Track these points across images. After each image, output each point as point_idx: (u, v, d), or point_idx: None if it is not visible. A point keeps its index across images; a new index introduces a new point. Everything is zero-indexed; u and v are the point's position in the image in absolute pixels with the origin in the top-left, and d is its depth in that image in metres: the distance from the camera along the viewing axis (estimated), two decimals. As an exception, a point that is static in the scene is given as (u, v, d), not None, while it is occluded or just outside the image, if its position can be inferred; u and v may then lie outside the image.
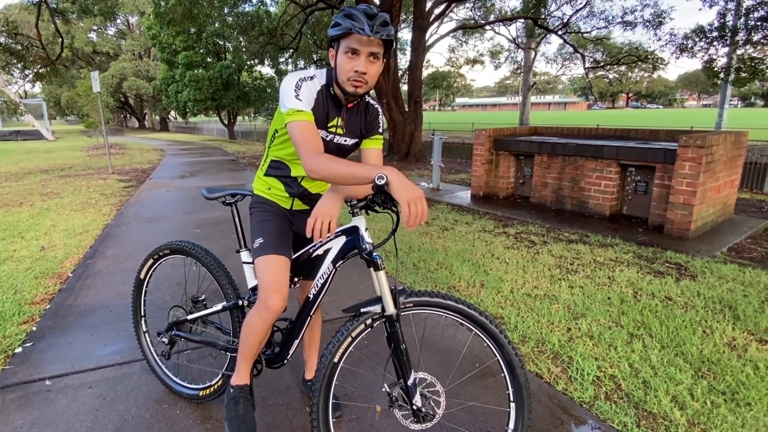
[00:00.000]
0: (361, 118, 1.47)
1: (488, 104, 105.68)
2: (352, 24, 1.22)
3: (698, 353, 2.15)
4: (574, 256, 3.63)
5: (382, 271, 1.31)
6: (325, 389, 1.34)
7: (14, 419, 1.74)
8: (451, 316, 1.36)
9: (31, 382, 2.00)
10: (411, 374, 1.35)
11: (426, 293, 1.36)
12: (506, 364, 1.36)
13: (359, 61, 1.26)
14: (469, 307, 1.34)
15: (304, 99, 1.32)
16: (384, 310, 1.31)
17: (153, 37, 21.15)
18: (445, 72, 27.06)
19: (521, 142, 5.94)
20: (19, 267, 3.51)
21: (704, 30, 8.94)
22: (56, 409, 1.82)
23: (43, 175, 9.35)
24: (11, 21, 12.23)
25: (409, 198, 1.06)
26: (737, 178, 4.95)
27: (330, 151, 1.43)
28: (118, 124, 48.37)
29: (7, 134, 26.45)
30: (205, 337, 1.81)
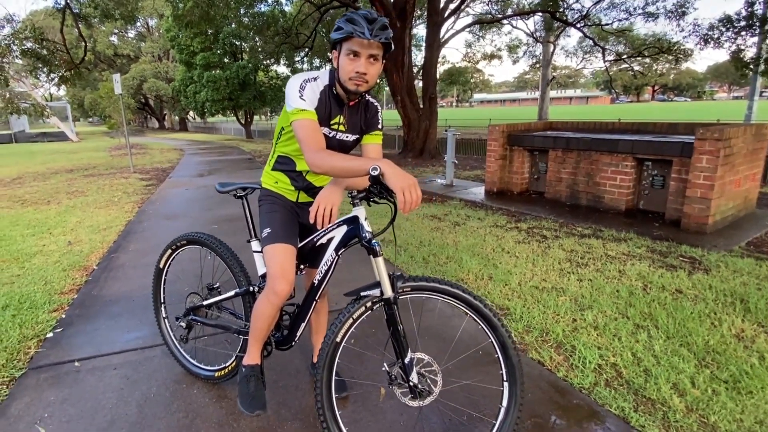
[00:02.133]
0: (361, 115, 1.59)
1: (507, 99, 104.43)
2: (353, 28, 1.32)
3: (704, 344, 2.18)
4: (585, 251, 3.67)
5: (380, 257, 1.41)
6: (328, 367, 1.45)
7: (48, 395, 1.93)
8: (447, 299, 1.45)
9: (61, 364, 2.18)
10: (408, 354, 1.45)
11: (423, 278, 1.45)
12: (500, 345, 1.44)
13: (360, 62, 1.37)
14: (464, 291, 1.42)
15: (308, 99, 1.43)
16: (382, 294, 1.41)
17: (172, 39, 21.76)
18: (462, 68, 26.95)
19: (535, 137, 5.96)
20: (48, 260, 3.76)
21: (731, 19, 8.71)
22: (85, 387, 1.99)
23: (69, 175, 9.80)
24: (38, 27, 12.79)
25: (402, 186, 1.15)
26: (759, 171, 4.87)
27: (333, 147, 1.53)
28: (138, 125, 49.73)
29: (34, 136, 27.65)
30: (220, 322, 1.95)
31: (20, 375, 2.08)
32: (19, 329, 2.48)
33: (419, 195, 1.16)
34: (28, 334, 2.44)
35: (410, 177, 1.18)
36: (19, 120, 25.82)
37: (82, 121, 52.93)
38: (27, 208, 6.09)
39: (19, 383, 2.02)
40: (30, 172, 10.59)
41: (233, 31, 19.35)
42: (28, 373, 2.10)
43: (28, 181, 9.09)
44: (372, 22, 1.33)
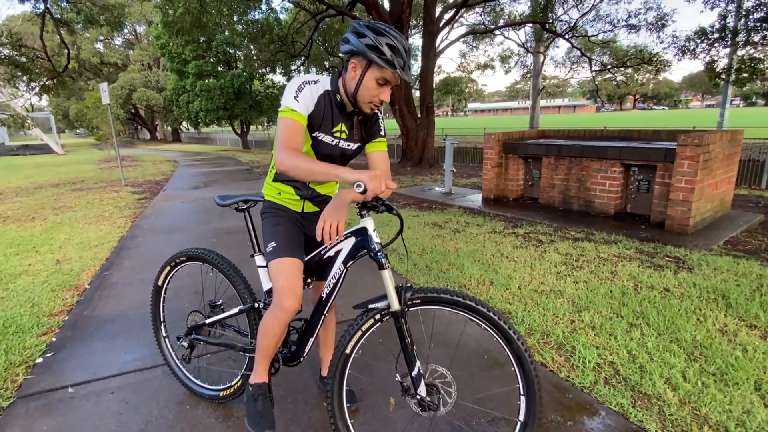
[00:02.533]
0: (363, 123, 1.58)
1: (500, 109, 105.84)
2: (397, 62, 1.31)
3: (692, 339, 2.35)
4: (580, 253, 3.84)
5: (386, 270, 1.39)
6: (339, 378, 1.49)
7: (40, 425, 1.83)
8: (460, 312, 1.40)
9: (53, 390, 2.08)
10: (416, 366, 1.44)
11: (433, 290, 1.41)
12: (516, 358, 1.38)
13: (386, 91, 1.39)
14: (478, 302, 1.37)
15: (302, 101, 1.40)
16: (390, 307, 1.41)
17: (162, 46, 21.63)
18: (457, 77, 27.43)
19: (529, 145, 6.16)
20: (35, 281, 3.63)
21: (705, 32, 9.12)
22: (80, 414, 1.90)
23: (55, 190, 9.53)
24: (15, 33, 12.50)
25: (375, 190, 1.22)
26: (734, 175, 5.14)
27: (335, 155, 1.56)
28: (129, 136, 49.22)
29: (14, 149, 26.90)
30: (224, 340, 1.90)
31: (8, 405, 1.98)
32: (5, 356, 2.37)
33: (389, 186, 1.24)
34: (15, 361, 2.33)
35: (380, 174, 1.23)
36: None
37: (68, 132, 52.11)
38: (9, 226, 5.88)
39: (8, 413, 1.92)
40: (11, 187, 10.23)
41: (227, 38, 19.42)
42: (17, 402, 2.00)
43: (10, 196, 8.80)
44: (407, 53, 1.34)
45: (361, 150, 1.62)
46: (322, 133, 1.51)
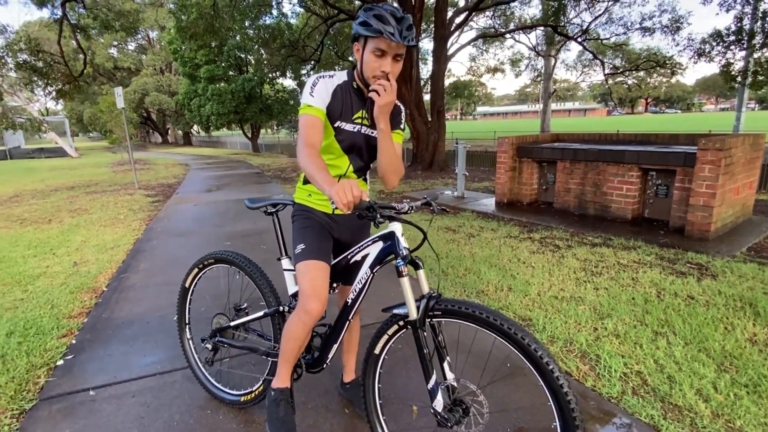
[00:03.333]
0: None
1: (509, 112, 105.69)
2: (383, 28, 1.32)
3: (720, 349, 2.28)
4: (598, 259, 3.78)
5: (404, 278, 1.36)
6: (372, 376, 1.50)
7: (62, 428, 1.84)
8: (486, 330, 1.27)
9: (75, 393, 2.09)
10: (432, 379, 1.37)
11: (459, 302, 1.31)
12: (551, 392, 1.19)
13: (386, 61, 1.39)
14: (508, 323, 1.22)
15: (317, 96, 1.45)
16: (408, 316, 1.37)
17: (174, 51, 21.97)
18: (467, 81, 27.42)
19: (544, 149, 6.11)
20: (53, 282, 3.67)
21: (721, 34, 9.01)
22: (102, 417, 1.91)
23: (70, 192, 9.69)
24: (33, 38, 12.80)
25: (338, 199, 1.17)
26: (755, 180, 5.02)
27: (359, 142, 1.55)
28: (141, 140, 49.81)
29: (30, 152, 27.46)
30: (247, 344, 1.90)
31: (30, 407, 1.99)
32: (27, 357, 2.40)
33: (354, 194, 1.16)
34: (37, 363, 2.36)
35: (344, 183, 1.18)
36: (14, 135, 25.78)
37: (82, 136, 52.96)
38: (27, 228, 5.99)
39: (30, 416, 1.93)
40: (28, 190, 10.42)
41: (238, 43, 19.64)
42: (39, 405, 2.01)
43: (27, 199, 8.97)
44: (400, 22, 1.34)
45: None
46: (343, 122, 1.52)
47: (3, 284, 3.69)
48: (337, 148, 1.56)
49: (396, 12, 1.35)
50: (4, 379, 2.18)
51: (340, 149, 1.56)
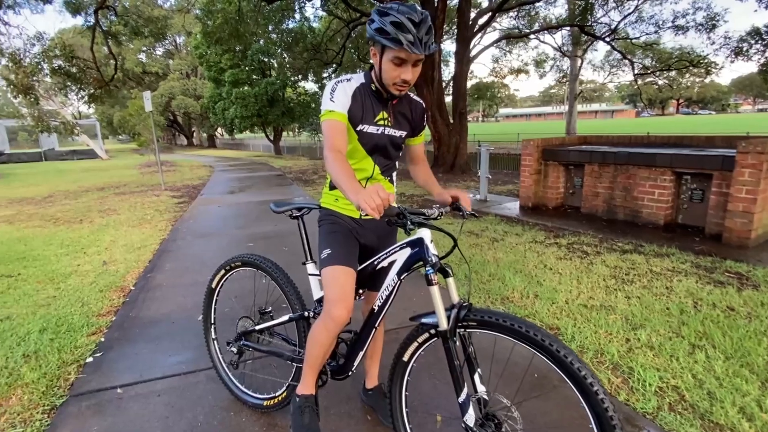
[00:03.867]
0: (407, 110, 1.58)
1: (532, 114, 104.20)
2: (402, 38, 1.26)
3: (765, 364, 2.16)
4: (630, 266, 3.65)
5: (434, 286, 1.31)
6: (399, 384, 1.47)
7: (90, 425, 1.89)
8: (523, 344, 1.21)
9: (103, 390, 2.15)
10: (464, 392, 1.32)
11: (491, 313, 1.27)
12: (594, 414, 1.09)
13: (405, 70, 1.35)
14: (547, 337, 1.16)
15: (338, 100, 1.43)
16: (438, 326, 1.33)
17: (200, 56, 22.57)
18: (489, 83, 27.16)
19: (570, 151, 5.97)
20: (84, 281, 3.80)
21: (760, 32, 8.62)
22: (129, 415, 1.95)
23: (100, 193, 10.05)
24: (68, 45, 13.42)
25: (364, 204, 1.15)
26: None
27: (383, 144, 1.54)
28: (167, 142, 51.32)
29: (63, 154, 28.77)
30: (272, 348, 1.89)
31: (61, 403, 2.05)
32: (58, 354, 2.47)
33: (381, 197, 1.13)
34: (68, 359, 2.42)
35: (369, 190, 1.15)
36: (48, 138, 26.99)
37: (111, 138, 54.82)
38: (60, 227, 6.22)
39: (61, 412, 1.98)
40: (61, 191, 10.86)
41: (261, 47, 20.02)
42: (70, 401, 2.06)
43: (60, 199, 9.33)
44: (419, 26, 1.27)
45: (407, 139, 1.62)
46: (365, 124, 1.50)
47: (37, 281, 3.84)
48: (361, 151, 1.55)
49: (413, 15, 1.28)
50: (37, 375, 2.25)
51: (364, 151, 1.55)
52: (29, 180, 14.85)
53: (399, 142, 1.59)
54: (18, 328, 2.85)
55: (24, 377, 2.24)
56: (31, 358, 2.46)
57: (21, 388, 2.15)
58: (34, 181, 14.10)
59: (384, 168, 1.61)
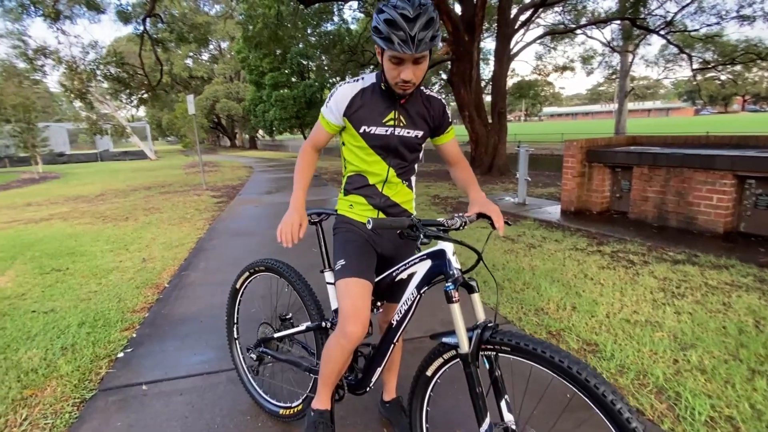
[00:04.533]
0: (423, 109, 1.49)
1: (579, 113, 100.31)
2: (393, 37, 1.21)
3: (842, 398, 1.91)
4: (681, 279, 3.37)
5: (455, 304, 1.23)
6: (420, 399, 1.41)
7: (115, 420, 1.95)
8: (554, 374, 1.10)
9: (129, 386, 2.21)
10: (486, 421, 1.24)
11: (519, 337, 1.16)
12: None
13: (404, 69, 1.29)
14: (578, 366, 1.05)
15: (329, 108, 1.48)
16: (459, 348, 1.24)
17: (242, 60, 23.43)
18: (532, 81, 26.37)
19: (618, 153, 5.64)
20: (123, 277, 3.99)
21: None
22: (150, 413, 1.99)
23: (147, 192, 10.62)
24: (118, 52, 14.37)
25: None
26: None
27: (394, 145, 1.48)
28: (211, 144, 53.55)
29: (117, 155, 30.97)
30: (290, 357, 1.87)
31: (90, 396, 2.12)
32: (92, 348, 2.59)
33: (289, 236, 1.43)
34: (101, 354, 2.53)
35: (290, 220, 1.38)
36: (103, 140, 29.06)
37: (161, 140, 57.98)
38: (107, 224, 6.60)
39: (89, 405, 2.06)
40: (112, 189, 11.61)
41: (301, 50, 20.47)
42: (98, 395, 2.14)
43: (110, 197, 9.94)
44: (413, 22, 1.20)
45: (426, 138, 1.54)
46: (371, 126, 1.45)
47: (82, 276, 4.07)
48: (372, 154, 1.50)
49: (407, 10, 1.20)
50: (71, 368, 2.37)
51: (375, 155, 1.50)
52: (85, 179, 15.97)
53: (414, 142, 1.50)
54: (60, 320, 3.02)
55: (60, 369, 2.36)
56: (68, 350, 2.58)
57: (56, 380, 2.27)
58: (89, 180, 15.15)
59: (400, 171, 1.55)
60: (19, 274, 4.21)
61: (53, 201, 10.10)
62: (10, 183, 16.12)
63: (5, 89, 18.41)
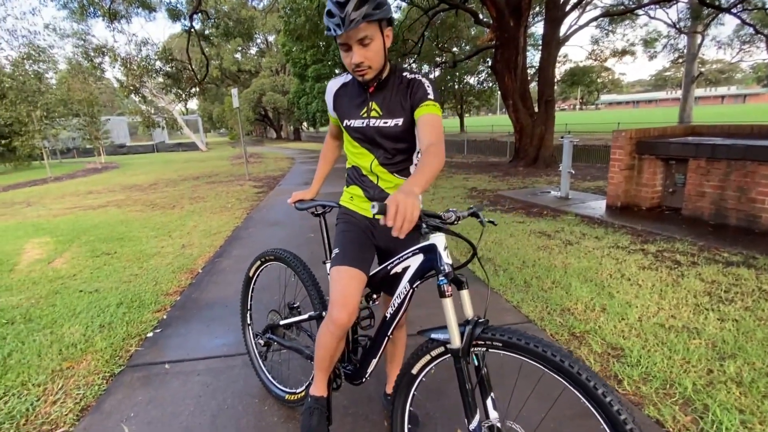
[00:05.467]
0: (400, 94, 1.44)
1: (641, 101, 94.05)
2: (330, 22, 1.29)
3: None
4: (732, 282, 3.11)
5: (447, 299, 1.22)
6: (403, 398, 1.40)
7: (137, 395, 2.12)
8: (545, 368, 1.11)
9: (154, 364, 2.38)
10: (475, 419, 1.24)
11: (510, 332, 1.16)
12: None
13: (352, 53, 1.33)
14: (570, 361, 1.07)
15: (327, 101, 1.62)
16: (450, 343, 1.23)
17: (287, 53, 23.95)
18: (587, 67, 24.95)
19: (672, 144, 5.25)
20: (162, 262, 4.25)
21: None
22: (169, 390, 2.14)
23: (194, 182, 11.24)
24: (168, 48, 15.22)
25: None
26: None
27: (371, 136, 1.49)
28: (258, 136, 55.42)
29: (171, 146, 33.02)
30: (294, 344, 1.95)
31: (119, 372, 2.31)
32: (126, 327, 2.80)
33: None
34: (132, 333, 2.73)
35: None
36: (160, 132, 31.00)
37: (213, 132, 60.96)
38: (156, 212, 7.08)
39: (117, 380, 2.24)
40: (164, 179, 12.40)
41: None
42: (126, 371, 2.32)
43: (162, 186, 10.61)
44: (344, 5, 1.24)
45: (408, 126, 1.46)
46: (350, 119, 1.52)
47: (127, 260, 4.40)
48: (358, 146, 1.56)
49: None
50: (105, 344, 2.58)
51: (360, 147, 1.55)
52: (141, 169, 17.15)
53: (394, 132, 1.47)
54: (101, 300, 3.29)
55: (96, 345, 2.58)
56: (105, 328, 2.82)
57: (91, 355, 2.49)
58: (145, 170, 16.25)
59: (386, 162, 1.54)
60: (74, 256, 4.62)
61: (111, 189, 10.94)
62: (77, 172, 17.62)
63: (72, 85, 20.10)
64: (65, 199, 9.62)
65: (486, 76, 24.69)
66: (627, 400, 1.94)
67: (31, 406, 2.05)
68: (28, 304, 3.28)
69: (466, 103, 36.01)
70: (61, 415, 1.98)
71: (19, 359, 2.45)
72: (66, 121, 20.37)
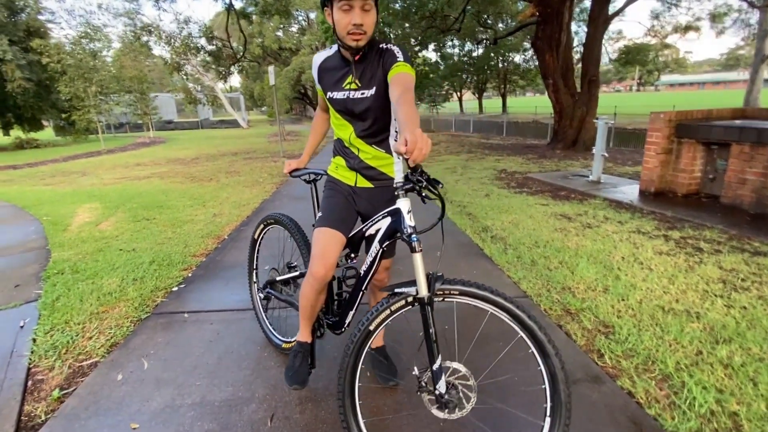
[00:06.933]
0: (375, 64, 1.56)
1: (708, 82, 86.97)
2: None
3: None
4: (753, 272, 3.03)
5: (417, 254, 1.38)
6: (356, 352, 1.46)
7: (158, 337, 2.45)
8: (495, 312, 1.39)
9: (175, 313, 2.72)
10: (438, 360, 1.41)
11: (467, 283, 1.40)
12: (549, 376, 1.36)
13: (354, 13, 1.43)
14: (517, 306, 1.35)
15: (314, 76, 1.71)
16: (417, 293, 1.40)
17: (325, 30, 23.99)
18: (644, 44, 23.32)
19: (714, 127, 5.00)
20: (194, 228, 4.65)
21: None
22: (185, 335, 2.46)
23: (233, 157, 11.79)
24: (208, 27, 15.70)
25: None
26: None
27: (350, 107, 1.60)
28: (297, 114, 56.32)
29: (215, 123, 34.22)
30: (288, 298, 2.17)
31: (145, 317, 2.66)
32: (155, 281, 3.16)
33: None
34: (160, 286, 3.08)
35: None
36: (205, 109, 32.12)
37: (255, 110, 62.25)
38: (194, 184, 7.59)
39: (142, 324, 2.58)
40: (205, 154, 13.06)
41: (382, 18, 20.44)
42: (151, 317, 2.66)
43: (202, 161, 11.23)
44: None
45: (382, 96, 1.55)
46: (333, 91, 1.63)
47: (163, 225, 4.83)
48: (339, 118, 1.69)
49: None
50: (136, 294, 2.95)
51: (342, 118, 1.68)
52: (185, 144, 18.04)
53: (365, 102, 1.57)
54: (137, 258, 3.68)
55: (128, 295, 2.96)
56: (138, 281, 3.19)
57: (123, 302, 2.85)
58: (188, 145, 17.11)
59: (363, 134, 1.66)
60: (118, 221, 5.10)
61: (156, 162, 11.68)
62: (127, 146, 18.79)
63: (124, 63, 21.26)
64: (115, 170, 10.39)
65: (532, 54, 23.72)
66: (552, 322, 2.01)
67: (71, 339, 2.41)
68: (76, 259, 3.72)
69: (510, 82, 34.82)
70: (94, 349, 2.33)
71: (65, 302, 2.86)
72: (119, 97, 21.63)
